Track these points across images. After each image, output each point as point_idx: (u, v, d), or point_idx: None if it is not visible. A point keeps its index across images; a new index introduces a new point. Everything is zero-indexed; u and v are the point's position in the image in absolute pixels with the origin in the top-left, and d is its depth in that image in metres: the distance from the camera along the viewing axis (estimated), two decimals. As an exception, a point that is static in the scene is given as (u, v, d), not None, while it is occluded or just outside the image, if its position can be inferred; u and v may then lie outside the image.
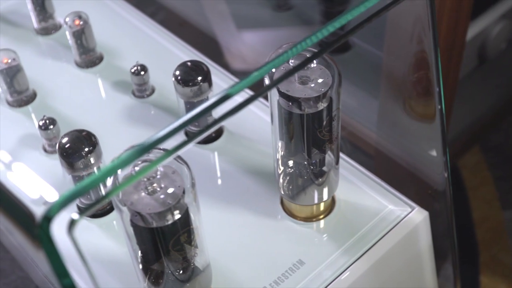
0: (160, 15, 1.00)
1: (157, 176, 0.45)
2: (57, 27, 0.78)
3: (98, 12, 0.79)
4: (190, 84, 0.61)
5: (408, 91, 0.70)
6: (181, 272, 0.49)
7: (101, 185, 0.52)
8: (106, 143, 0.60)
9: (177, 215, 0.45)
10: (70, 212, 0.34)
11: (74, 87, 0.72)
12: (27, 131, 0.67)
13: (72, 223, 0.34)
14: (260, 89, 0.42)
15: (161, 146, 0.37)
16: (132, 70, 0.68)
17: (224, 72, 0.72)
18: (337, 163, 0.57)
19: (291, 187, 0.58)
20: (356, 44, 0.84)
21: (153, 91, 0.70)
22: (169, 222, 0.45)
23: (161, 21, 0.82)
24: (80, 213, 0.34)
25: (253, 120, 0.67)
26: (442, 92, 0.54)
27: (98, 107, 0.70)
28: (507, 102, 1.17)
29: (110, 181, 0.44)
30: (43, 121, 0.63)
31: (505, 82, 1.16)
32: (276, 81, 0.44)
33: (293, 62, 0.49)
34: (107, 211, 0.60)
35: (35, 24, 0.77)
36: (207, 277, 0.52)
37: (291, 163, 0.57)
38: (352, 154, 0.76)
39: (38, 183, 0.62)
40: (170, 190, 0.45)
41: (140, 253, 0.49)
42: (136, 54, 0.74)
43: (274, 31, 0.92)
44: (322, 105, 0.51)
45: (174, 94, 0.63)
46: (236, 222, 0.59)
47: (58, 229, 0.34)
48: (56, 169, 0.60)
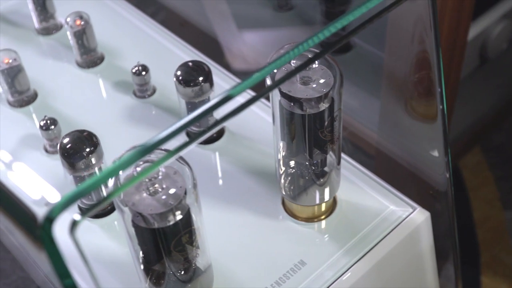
0: (161, 15, 1.00)
1: (159, 177, 0.45)
2: (58, 27, 0.77)
3: (99, 12, 0.79)
4: (191, 84, 0.61)
5: (410, 91, 0.70)
6: (183, 272, 0.49)
7: (102, 185, 0.52)
8: (107, 143, 0.60)
9: (178, 216, 0.45)
10: (71, 212, 0.34)
11: (75, 87, 0.72)
12: (28, 131, 0.67)
13: (74, 224, 0.34)
14: (261, 89, 0.42)
15: (162, 146, 0.37)
16: (133, 70, 0.68)
17: (225, 72, 0.72)
18: (338, 163, 0.57)
19: (292, 188, 0.58)
20: (357, 45, 0.84)
21: (154, 91, 0.70)
22: (171, 223, 0.45)
23: (162, 21, 0.81)
24: (82, 214, 0.34)
25: (254, 120, 0.67)
26: (444, 92, 0.54)
27: (99, 107, 0.70)
28: (508, 102, 1.17)
29: (112, 181, 0.44)
30: (44, 121, 0.63)
31: (506, 82, 1.16)
32: (278, 82, 0.43)
33: (294, 63, 0.49)
34: (108, 212, 0.60)
35: (36, 24, 0.77)
36: (209, 277, 0.52)
37: (292, 163, 0.56)
38: (354, 154, 0.76)
39: (39, 184, 0.62)
40: (171, 190, 0.45)
41: (141, 254, 0.48)
42: (137, 54, 0.74)
43: (275, 31, 0.92)
44: (323, 106, 0.51)
45: (175, 94, 0.63)
46: (237, 222, 0.59)
47: (59, 229, 0.34)
48: (57, 169, 0.60)
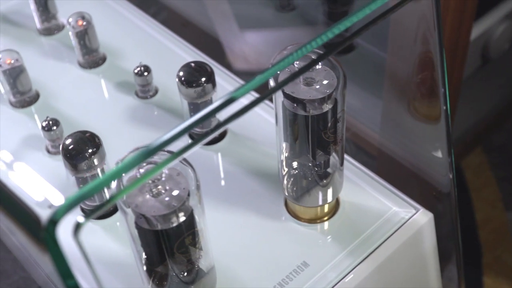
0: (163, 16, 1.00)
1: (162, 178, 0.45)
2: (60, 28, 0.77)
3: (101, 12, 0.79)
4: (193, 85, 0.60)
5: (412, 92, 0.70)
6: (186, 274, 0.49)
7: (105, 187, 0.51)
8: (109, 144, 0.59)
9: (182, 218, 0.45)
10: (74, 214, 0.34)
11: (77, 88, 0.72)
12: (30, 132, 0.67)
13: (77, 227, 0.33)
14: (264, 90, 0.42)
15: (165, 148, 0.36)
16: (136, 70, 0.68)
17: (227, 73, 0.72)
18: (341, 164, 0.56)
19: (295, 189, 0.58)
20: (359, 45, 0.84)
21: (156, 91, 0.70)
22: (174, 225, 0.45)
23: (164, 21, 0.81)
24: (85, 216, 0.34)
25: (257, 121, 0.67)
26: (447, 93, 0.54)
27: (101, 107, 0.69)
28: (510, 102, 1.17)
29: (115, 183, 0.44)
30: (46, 122, 0.63)
31: (508, 82, 1.16)
32: (281, 84, 0.43)
33: (298, 64, 0.49)
34: (111, 213, 0.60)
35: (38, 24, 0.77)
36: (212, 279, 0.52)
37: (295, 164, 0.56)
38: (355, 155, 0.76)
39: (42, 185, 0.62)
40: (175, 192, 0.44)
41: (144, 255, 0.48)
42: (139, 55, 0.74)
43: (278, 31, 0.92)
44: (327, 107, 0.51)
45: (177, 94, 0.63)
46: (239, 223, 0.59)
47: (61, 229, 0.34)
48: (60, 170, 0.60)
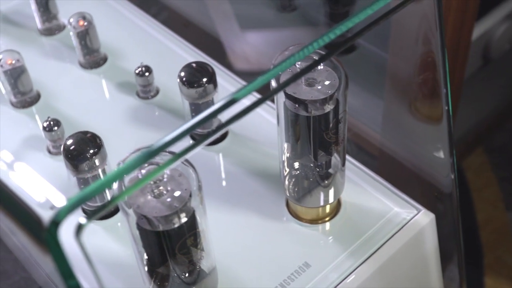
0: (164, 16, 1.00)
1: (164, 179, 0.45)
2: (61, 28, 0.77)
3: (102, 12, 0.79)
4: (195, 85, 0.60)
5: (414, 92, 0.70)
6: (187, 275, 0.49)
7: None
8: (110, 144, 0.59)
9: (183, 219, 0.45)
10: (75, 215, 0.34)
11: (78, 88, 0.71)
12: (31, 132, 0.67)
13: (79, 228, 0.33)
14: (266, 91, 0.42)
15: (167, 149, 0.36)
16: (137, 71, 0.68)
17: (229, 73, 0.72)
18: (343, 165, 0.56)
19: (296, 189, 0.57)
20: (360, 45, 0.83)
21: (157, 92, 0.70)
22: (176, 226, 0.45)
23: (165, 21, 0.81)
24: (86, 217, 0.34)
25: (258, 121, 0.67)
26: (449, 93, 0.54)
27: (102, 108, 0.69)
28: (511, 102, 1.17)
29: (116, 184, 0.44)
30: (48, 123, 0.63)
31: (509, 83, 1.16)
32: (283, 84, 0.43)
33: (299, 64, 0.49)
34: (112, 213, 0.59)
35: (38, 24, 0.77)
36: (213, 280, 0.52)
37: (297, 165, 0.56)
38: (356, 155, 0.76)
39: (43, 185, 0.62)
40: (176, 193, 0.44)
41: (145, 256, 0.48)
42: (140, 55, 0.74)
43: (279, 32, 0.92)
44: (328, 107, 0.51)
45: (178, 95, 0.63)
46: (241, 224, 0.59)
47: (62, 230, 0.34)
48: (61, 171, 0.60)
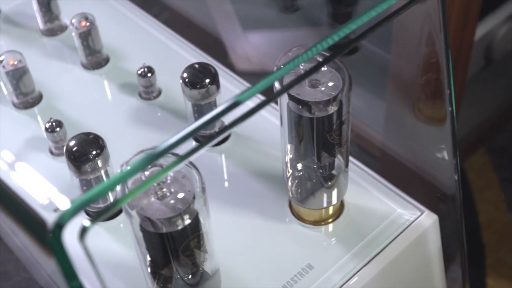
0: (165, 16, 1.00)
1: (167, 181, 0.45)
2: (63, 28, 0.77)
3: (104, 13, 0.78)
4: (198, 86, 0.60)
5: (416, 93, 0.70)
6: (190, 277, 0.49)
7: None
8: (113, 145, 0.59)
9: (187, 220, 0.45)
10: (78, 216, 0.33)
11: (80, 89, 0.71)
12: (33, 133, 0.67)
13: (83, 230, 0.33)
14: (269, 92, 0.42)
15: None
16: (139, 72, 0.68)
17: (231, 74, 0.71)
18: (346, 166, 0.56)
19: (299, 191, 0.57)
20: (363, 46, 0.83)
21: (159, 93, 0.70)
22: (179, 228, 0.45)
23: (167, 22, 0.81)
24: (90, 219, 0.34)
25: (261, 122, 0.67)
26: (453, 94, 0.54)
27: (104, 109, 0.69)
28: (513, 103, 1.17)
29: (120, 186, 0.43)
30: (50, 124, 0.63)
31: (511, 83, 1.16)
32: (287, 86, 0.43)
33: (303, 66, 0.49)
34: (115, 215, 0.59)
35: (40, 25, 0.77)
36: (216, 282, 0.52)
37: (300, 166, 0.56)
38: (358, 156, 0.75)
39: (46, 186, 0.62)
40: (180, 195, 0.44)
41: (149, 258, 0.48)
42: (142, 56, 0.74)
43: (281, 32, 0.92)
44: (332, 109, 0.50)
45: (181, 96, 0.62)
46: (243, 225, 0.59)
47: (64, 230, 0.34)
48: (63, 172, 0.60)
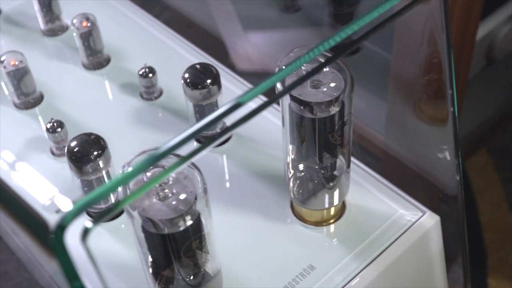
0: (166, 16, 1.00)
1: (169, 182, 0.44)
2: (64, 29, 0.77)
3: (105, 13, 0.78)
4: (199, 87, 0.60)
5: (418, 93, 0.69)
6: (192, 277, 0.49)
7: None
8: (114, 145, 0.59)
9: (189, 221, 0.45)
10: (80, 218, 0.33)
11: (81, 89, 0.71)
12: (34, 134, 0.67)
13: (85, 232, 0.33)
14: (271, 93, 0.42)
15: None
16: (140, 72, 0.68)
17: (232, 74, 0.71)
18: (348, 167, 0.56)
19: (301, 191, 0.57)
20: (364, 46, 0.83)
21: (161, 93, 0.70)
22: (181, 229, 0.44)
23: (168, 22, 0.81)
24: (92, 220, 0.34)
25: (262, 122, 0.67)
26: (455, 94, 0.54)
27: (106, 109, 0.69)
28: (514, 103, 1.17)
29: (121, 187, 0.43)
30: (51, 124, 0.62)
31: (512, 83, 1.16)
32: (289, 87, 0.43)
33: (305, 66, 0.49)
34: (116, 215, 0.59)
35: (41, 25, 0.76)
36: (218, 283, 0.52)
37: (301, 167, 0.56)
38: (360, 156, 0.75)
39: (47, 187, 0.62)
40: (182, 196, 0.44)
41: (150, 259, 0.48)
42: (143, 56, 0.74)
43: (282, 32, 0.92)
44: (334, 110, 0.50)
45: (182, 96, 0.62)
46: (245, 226, 0.59)
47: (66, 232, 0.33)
48: (64, 172, 0.60)
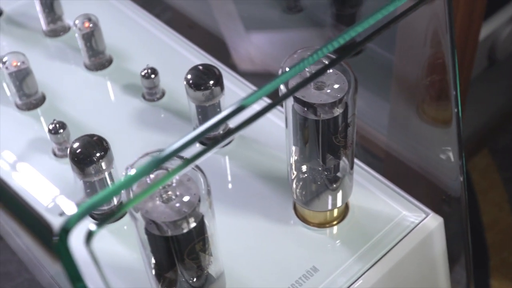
0: (168, 17, 1.00)
1: (173, 184, 0.44)
2: (66, 29, 0.77)
3: (107, 14, 0.78)
4: (202, 88, 0.60)
5: (421, 94, 0.69)
6: (195, 280, 0.49)
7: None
8: (116, 146, 0.59)
9: (192, 224, 0.44)
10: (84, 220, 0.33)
11: (83, 90, 0.71)
12: (36, 135, 0.67)
13: (89, 235, 0.33)
14: (274, 95, 0.42)
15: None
16: (143, 73, 0.67)
17: (235, 75, 0.71)
18: (351, 168, 0.56)
19: (304, 193, 0.57)
20: (367, 47, 0.83)
21: (163, 94, 0.69)
22: (185, 231, 0.44)
23: (170, 22, 0.81)
24: (97, 224, 0.33)
25: (265, 124, 0.66)
26: (459, 95, 0.54)
27: (108, 110, 0.69)
28: (516, 104, 1.16)
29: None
30: (53, 125, 0.62)
31: (514, 84, 1.16)
32: (293, 89, 0.43)
33: (309, 68, 0.49)
34: (119, 217, 0.59)
35: (43, 26, 0.76)
36: (221, 285, 0.52)
37: (304, 168, 0.56)
38: (363, 158, 0.75)
39: (49, 188, 0.61)
40: (185, 198, 0.44)
41: (153, 261, 0.48)
42: (145, 57, 0.73)
43: (284, 33, 0.91)
44: (337, 111, 0.50)
45: (184, 97, 0.62)
46: (248, 227, 0.59)
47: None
48: (67, 173, 0.59)
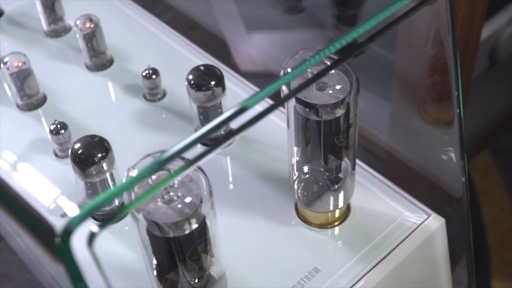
0: (169, 17, 0.99)
1: (174, 185, 0.44)
2: (67, 30, 0.77)
3: (109, 14, 0.78)
4: (203, 88, 0.60)
5: (422, 95, 0.69)
6: (197, 281, 0.49)
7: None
8: (117, 147, 0.59)
9: (194, 225, 0.44)
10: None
11: (84, 90, 0.71)
12: (37, 135, 0.67)
13: (92, 236, 0.33)
14: (276, 96, 0.42)
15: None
16: (144, 73, 0.67)
17: (237, 76, 0.71)
18: (353, 169, 0.56)
19: (306, 194, 0.57)
20: (368, 47, 0.83)
21: (164, 94, 0.69)
22: (187, 232, 0.44)
23: (171, 23, 0.81)
24: (100, 226, 0.33)
25: (266, 124, 0.66)
26: (461, 96, 0.54)
27: (109, 110, 0.69)
28: (517, 104, 1.16)
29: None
30: (54, 126, 0.62)
31: (515, 84, 1.16)
32: (295, 91, 0.43)
33: (311, 69, 0.49)
34: (120, 217, 0.59)
35: (44, 26, 0.76)
36: (223, 286, 0.52)
37: (306, 169, 0.56)
38: (364, 158, 0.75)
39: (50, 189, 0.61)
40: (187, 199, 0.44)
41: (155, 262, 0.48)
42: (146, 57, 0.73)
43: (285, 33, 0.91)
44: (339, 112, 0.50)
45: (185, 97, 0.62)
46: (249, 228, 0.59)
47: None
48: (68, 174, 0.59)
